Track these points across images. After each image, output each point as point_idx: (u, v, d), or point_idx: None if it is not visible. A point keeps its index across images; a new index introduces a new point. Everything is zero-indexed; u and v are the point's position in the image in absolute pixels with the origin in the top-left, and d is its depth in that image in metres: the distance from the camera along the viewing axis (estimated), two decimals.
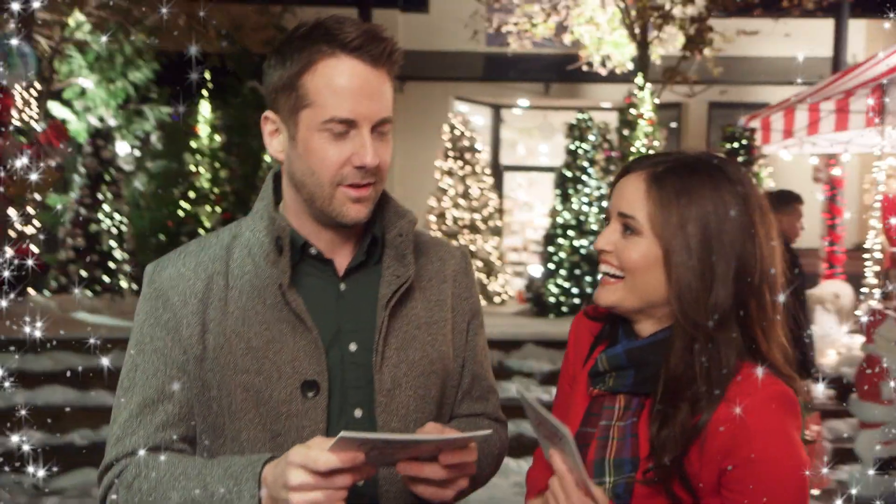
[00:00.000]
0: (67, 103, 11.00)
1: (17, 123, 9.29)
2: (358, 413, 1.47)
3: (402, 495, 1.48)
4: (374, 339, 1.48)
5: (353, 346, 1.48)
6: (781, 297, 1.47)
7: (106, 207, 9.73)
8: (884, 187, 7.99)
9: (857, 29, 13.01)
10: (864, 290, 8.00)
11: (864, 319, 6.20)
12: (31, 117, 9.46)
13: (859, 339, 7.96)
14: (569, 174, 9.96)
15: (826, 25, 11.94)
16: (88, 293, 9.45)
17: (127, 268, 9.89)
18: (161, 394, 1.44)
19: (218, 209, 9.99)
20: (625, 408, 1.48)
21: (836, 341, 8.25)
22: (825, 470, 4.37)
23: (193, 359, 1.44)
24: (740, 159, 9.32)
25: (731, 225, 1.42)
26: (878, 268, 7.92)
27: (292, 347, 1.43)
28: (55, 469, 5.47)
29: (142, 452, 1.41)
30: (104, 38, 10.78)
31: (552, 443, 1.37)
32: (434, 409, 1.56)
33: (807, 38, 12.70)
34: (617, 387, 1.48)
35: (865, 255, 7.94)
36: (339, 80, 1.39)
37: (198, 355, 1.44)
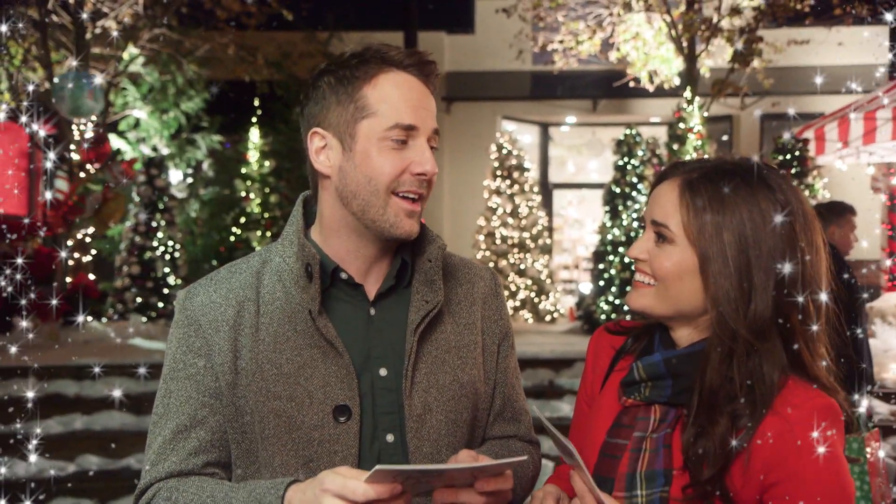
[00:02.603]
0: (122, 134, 11.30)
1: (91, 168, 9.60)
2: (389, 438, 1.47)
3: None
4: (404, 364, 1.48)
5: (383, 371, 1.48)
6: (826, 305, 1.42)
7: (160, 234, 9.93)
8: None
9: None
10: None
11: None
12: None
13: None
14: (617, 190, 9.86)
15: (881, 32, 11.67)
16: (143, 319, 9.64)
17: None
18: (193, 420, 1.46)
19: (269, 234, 10.12)
20: (660, 419, 1.44)
21: None
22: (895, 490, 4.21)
23: (226, 385, 1.46)
24: (793, 171, 9.13)
25: (769, 233, 1.38)
26: None
27: (323, 373, 1.44)
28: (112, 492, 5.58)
29: (173, 478, 1.44)
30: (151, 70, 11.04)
31: (570, 461, 1.34)
32: (466, 432, 1.55)
33: (861, 46, 12.42)
34: (654, 397, 1.44)
35: None
36: (400, 91, 1.46)
37: (230, 381, 1.46)
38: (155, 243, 9.91)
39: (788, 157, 8.71)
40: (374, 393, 1.47)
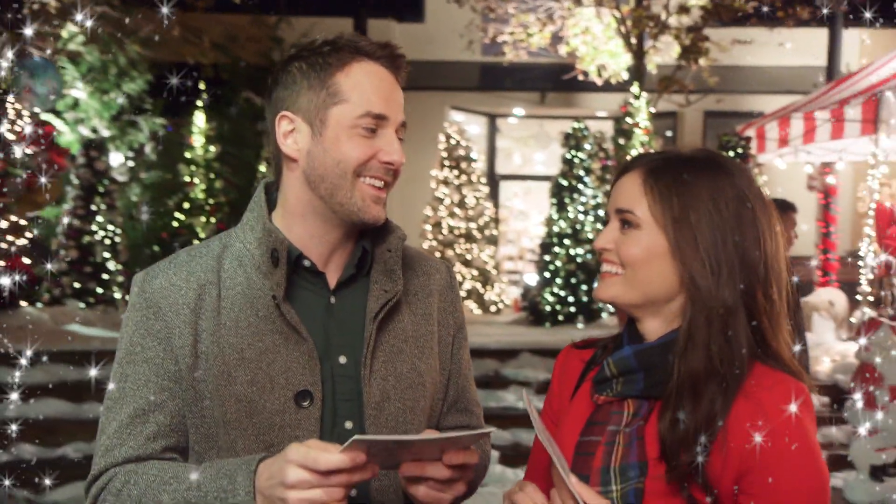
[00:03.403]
0: (59, 115, 10.97)
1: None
2: (348, 425, 1.49)
3: (395, 502, 1.50)
4: (363, 352, 1.50)
5: (342, 359, 1.50)
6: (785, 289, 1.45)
7: (99, 218, 9.69)
8: (878, 195, 7.98)
9: (851, 38, 13.05)
10: (858, 297, 7.98)
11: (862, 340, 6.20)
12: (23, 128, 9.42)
13: (854, 347, 7.96)
14: (565, 183, 9.95)
15: (820, 35, 11.98)
16: (81, 305, 9.40)
17: (120, 279, 9.82)
18: (151, 404, 1.44)
19: (213, 220, 9.95)
20: (634, 413, 1.45)
21: (830, 348, 8.24)
22: None
23: (186, 369, 1.45)
24: None
25: (733, 214, 1.41)
26: (872, 275, 7.90)
27: (285, 358, 1.45)
28: (49, 482, 5.43)
29: (130, 463, 1.41)
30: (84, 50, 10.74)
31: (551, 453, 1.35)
32: (422, 420, 1.58)
33: (801, 48, 12.73)
34: (626, 391, 1.45)
35: (860, 263, 7.92)
36: (373, 80, 1.48)
37: (190, 365, 1.45)
38: (94, 227, 9.66)
39: (731, 154, 8.90)
40: (335, 380, 1.49)
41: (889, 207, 8.98)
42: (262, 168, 9.87)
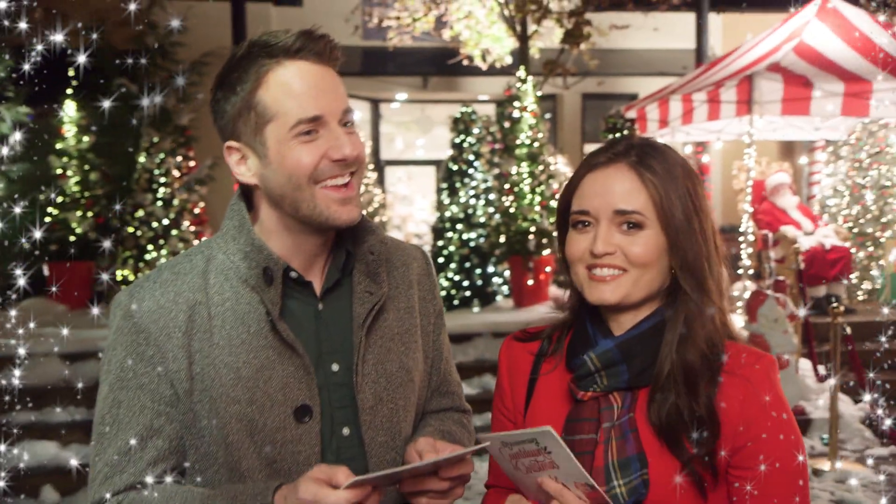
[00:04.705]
0: None
1: None
2: (345, 431, 1.47)
3: None
4: (354, 358, 1.48)
5: (335, 367, 1.48)
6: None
7: None
8: (753, 173, 8.40)
9: (714, 22, 13.69)
10: (739, 271, 8.40)
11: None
12: None
13: (738, 318, 8.39)
14: (455, 167, 9.97)
15: (689, 19, 12.50)
16: None
17: None
18: (150, 430, 1.40)
19: (89, 214, 9.41)
20: (622, 405, 1.45)
21: None
22: None
23: (183, 392, 1.40)
24: None
25: (700, 198, 1.45)
26: (751, 249, 8.34)
27: (281, 374, 1.42)
28: None
29: (133, 490, 1.38)
30: None
31: (534, 470, 1.33)
32: (412, 414, 1.59)
33: (673, 32, 13.26)
34: (613, 385, 1.44)
35: (740, 238, 8.34)
36: (293, 84, 1.39)
37: (186, 389, 1.40)
38: None
39: (618, 135, 9.16)
40: (329, 389, 1.47)
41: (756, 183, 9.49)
42: (142, 159, 9.39)
